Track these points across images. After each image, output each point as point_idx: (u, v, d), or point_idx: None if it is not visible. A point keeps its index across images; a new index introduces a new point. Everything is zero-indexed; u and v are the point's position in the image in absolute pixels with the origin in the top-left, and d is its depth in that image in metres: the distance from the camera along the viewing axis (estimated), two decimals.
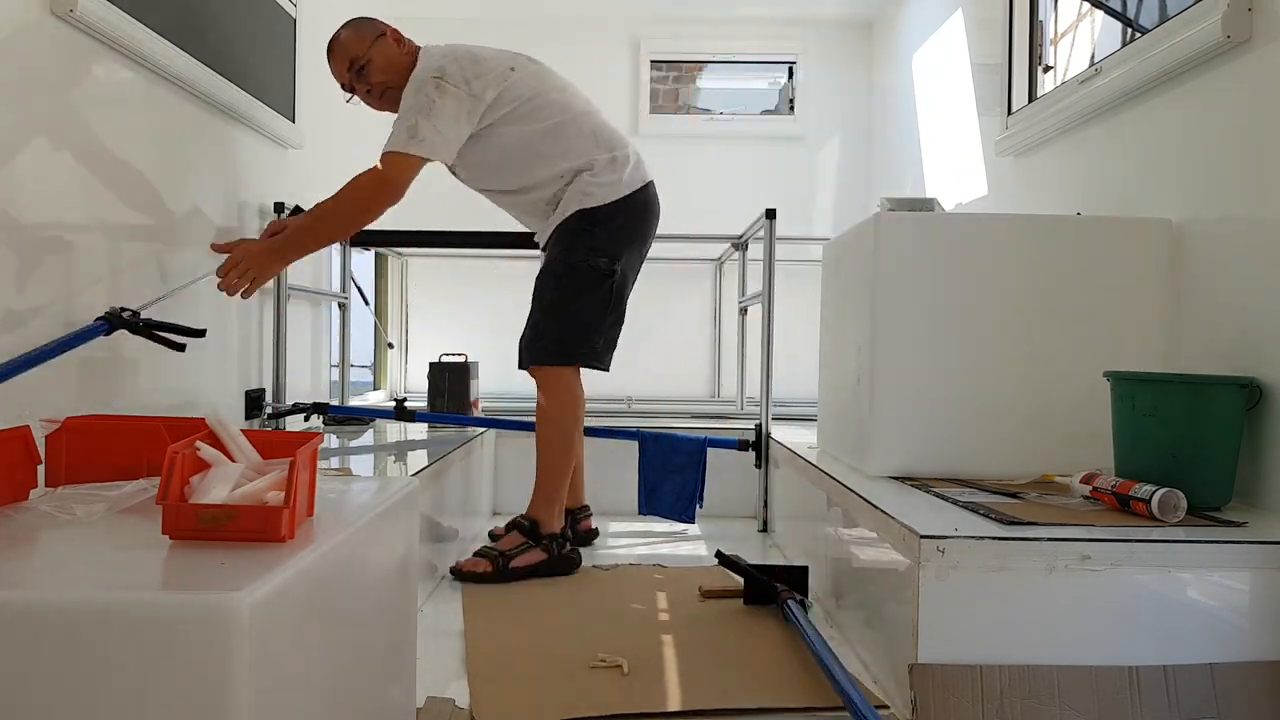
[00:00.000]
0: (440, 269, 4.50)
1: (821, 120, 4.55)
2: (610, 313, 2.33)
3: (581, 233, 2.29)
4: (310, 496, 1.04)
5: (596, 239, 2.28)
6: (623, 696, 1.52)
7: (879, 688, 1.59)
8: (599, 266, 2.28)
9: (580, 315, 2.29)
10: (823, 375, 2.49)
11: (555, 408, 2.30)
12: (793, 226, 3.98)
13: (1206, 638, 1.40)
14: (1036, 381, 2.01)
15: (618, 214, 2.30)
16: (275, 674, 0.80)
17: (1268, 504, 1.69)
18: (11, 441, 1.12)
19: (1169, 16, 2.08)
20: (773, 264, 2.93)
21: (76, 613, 0.75)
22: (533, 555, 2.27)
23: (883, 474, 2.00)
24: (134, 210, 2.11)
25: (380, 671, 1.18)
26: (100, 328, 1.79)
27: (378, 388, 4.37)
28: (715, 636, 1.84)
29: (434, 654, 1.71)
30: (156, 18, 2.09)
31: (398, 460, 2.52)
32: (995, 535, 1.42)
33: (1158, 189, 2.08)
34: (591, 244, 2.28)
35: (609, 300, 2.31)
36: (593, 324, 2.30)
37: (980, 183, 3.13)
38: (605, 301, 2.30)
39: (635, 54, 4.52)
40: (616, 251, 2.30)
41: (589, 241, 2.28)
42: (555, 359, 2.30)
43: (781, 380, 3.09)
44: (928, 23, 3.73)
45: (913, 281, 2.01)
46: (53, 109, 1.81)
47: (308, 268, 3.24)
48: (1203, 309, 1.92)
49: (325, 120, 3.35)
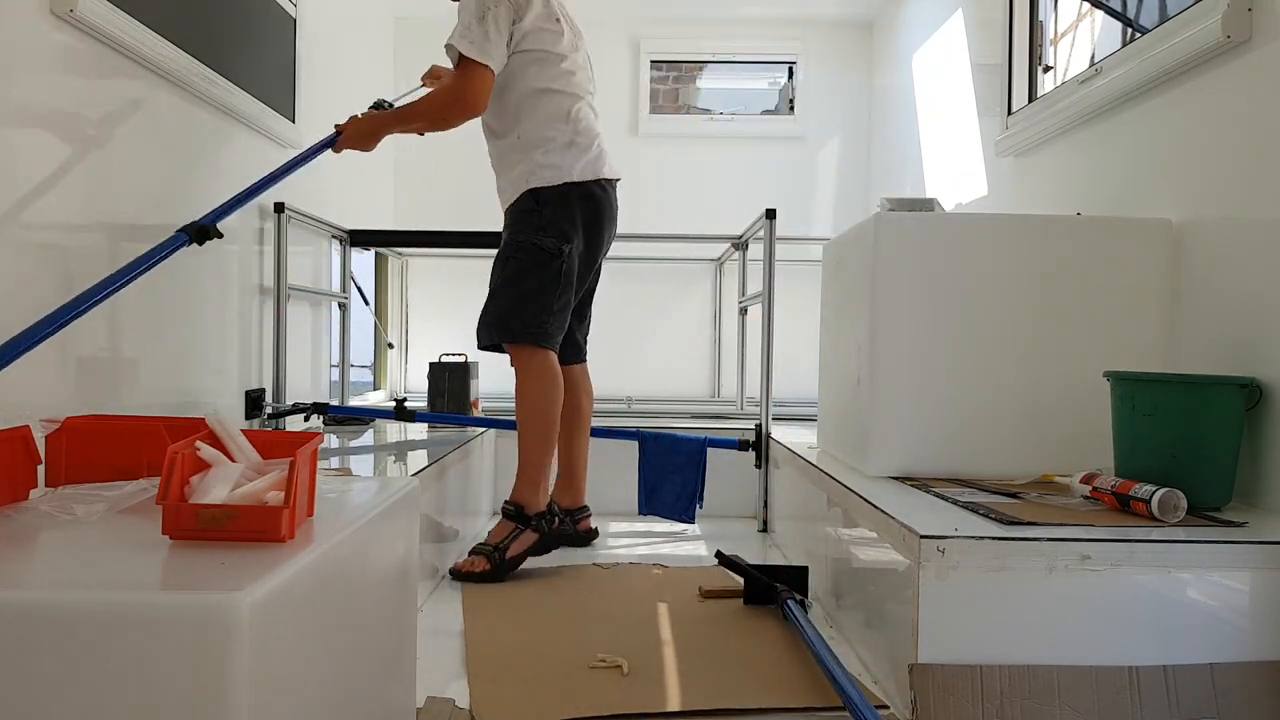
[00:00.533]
0: (440, 269, 4.50)
1: (821, 120, 4.56)
2: (559, 293, 2.31)
3: (529, 213, 2.31)
4: (310, 496, 1.04)
5: (544, 218, 2.29)
6: (623, 696, 1.52)
7: (879, 688, 1.59)
8: (545, 246, 2.29)
9: (527, 293, 2.29)
10: (823, 375, 2.49)
11: (529, 387, 2.30)
12: (793, 226, 3.98)
13: (1206, 638, 1.40)
14: (1036, 381, 2.01)
15: (568, 198, 2.30)
16: (275, 674, 0.80)
17: (1268, 504, 1.69)
18: (11, 441, 1.12)
19: (1169, 16, 2.08)
20: (773, 264, 2.93)
21: (76, 613, 0.75)
22: (525, 539, 2.29)
23: (883, 474, 2.00)
24: (134, 210, 2.11)
25: (380, 671, 1.18)
26: (182, 239, 1.83)
27: (378, 388, 4.37)
28: (715, 636, 1.84)
29: (434, 654, 1.71)
30: (156, 17, 2.09)
31: (398, 460, 2.52)
32: (995, 535, 1.42)
33: (1158, 189, 2.08)
34: (539, 223, 2.30)
35: (557, 279, 2.30)
36: (540, 302, 2.29)
37: (980, 183, 3.13)
38: (554, 280, 2.29)
39: (635, 54, 4.52)
40: (565, 232, 2.30)
41: (536, 221, 2.30)
42: (503, 336, 2.31)
43: (781, 380, 3.09)
44: (928, 23, 3.73)
45: (913, 281, 2.01)
46: (53, 109, 1.81)
47: (308, 268, 3.24)
48: (1203, 309, 1.92)
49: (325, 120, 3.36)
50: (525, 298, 2.29)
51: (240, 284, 2.71)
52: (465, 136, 4.54)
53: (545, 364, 2.31)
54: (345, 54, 3.74)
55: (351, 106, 2.52)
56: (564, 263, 2.30)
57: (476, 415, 3.25)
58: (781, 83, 4.69)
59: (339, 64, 3.61)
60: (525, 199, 2.31)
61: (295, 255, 3.02)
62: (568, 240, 2.30)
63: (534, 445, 2.31)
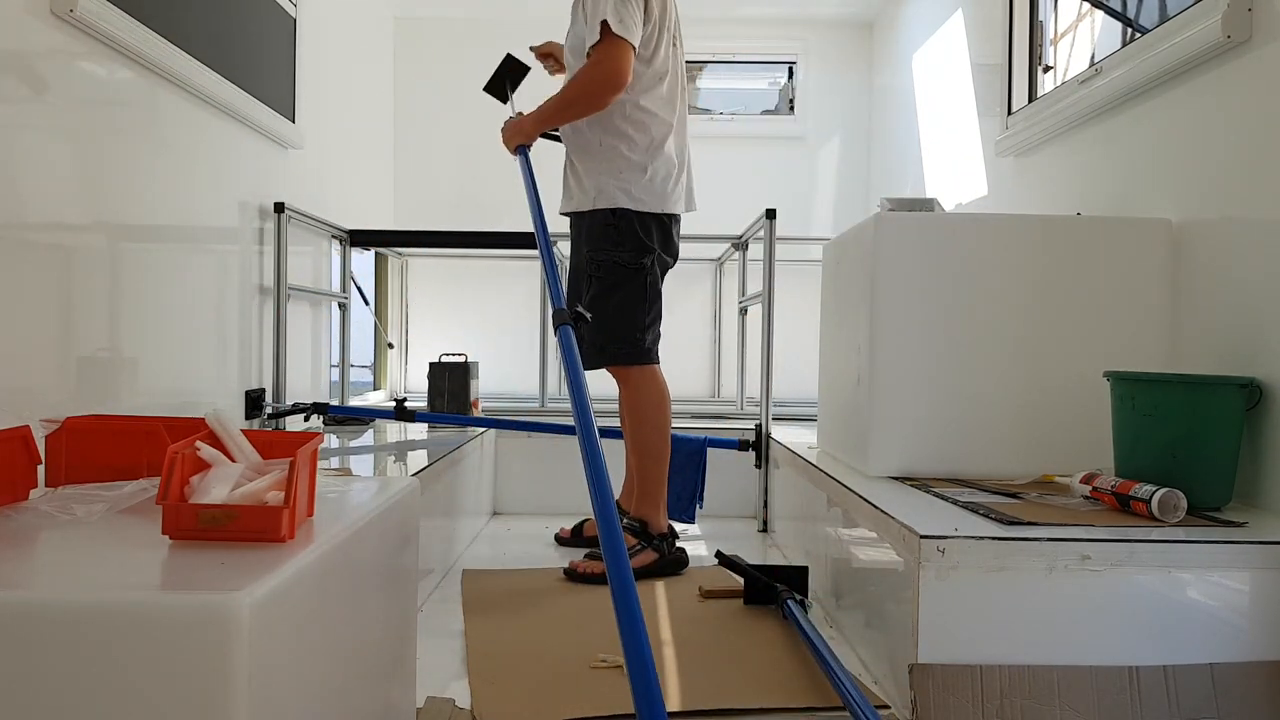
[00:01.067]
0: (440, 269, 4.50)
1: (821, 120, 4.56)
2: (648, 307, 2.29)
3: (608, 228, 2.27)
4: (310, 496, 1.04)
5: (621, 233, 2.26)
6: (623, 696, 1.51)
7: (879, 688, 1.59)
8: (626, 262, 2.26)
9: (616, 312, 2.26)
10: (823, 375, 2.49)
11: (638, 404, 2.30)
12: (793, 226, 3.98)
13: (1206, 638, 1.40)
14: (1036, 381, 2.01)
15: (651, 223, 2.28)
16: (275, 674, 0.80)
17: (1268, 504, 1.69)
18: (11, 441, 1.12)
19: (1169, 16, 2.08)
20: (773, 264, 2.93)
21: (76, 613, 0.75)
22: (645, 556, 2.28)
23: (883, 474, 2.00)
24: (134, 210, 2.11)
25: (380, 671, 1.18)
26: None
27: (378, 388, 4.37)
28: (715, 636, 1.84)
29: (434, 654, 1.71)
30: (156, 17, 2.09)
31: (398, 460, 2.52)
32: (995, 535, 1.42)
33: (1158, 189, 2.08)
34: (616, 239, 2.26)
35: (643, 293, 2.28)
36: (631, 319, 2.27)
37: (980, 183, 3.13)
38: (640, 295, 2.27)
39: None
40: (644, 244, 2.27)
41: (614, 237, 2.26)
42: (601, 360, 2.29)
43: (781, 380, 3.09)
44: (928, 23, 3.73)
45: (912, 281, 2.01)
46: (53, 109, 1.81)
47: (308, 268, 3.24)
48: (1203, 309, 1.92)
49: (325, 120, 3.36)
50: (619, 317, 2.27)
51: (240, 284, 2.71)
52: (465, 136, 4.53)
53: (646, 379, 2.30)
54: (345, 54, 3.74)
55: (351, 106, 2.52)
56: (647, 274, 2.28)
57: (476, 415, 3.25)
58: (781, 83, 4.69)
59: (339, 64, 3.61)
60: (603, 214, 2.28)
61: (295, 255, 3.02)
62: (648, 251, 2.28)
63: (652, 463, 2.31)
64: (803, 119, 4.55)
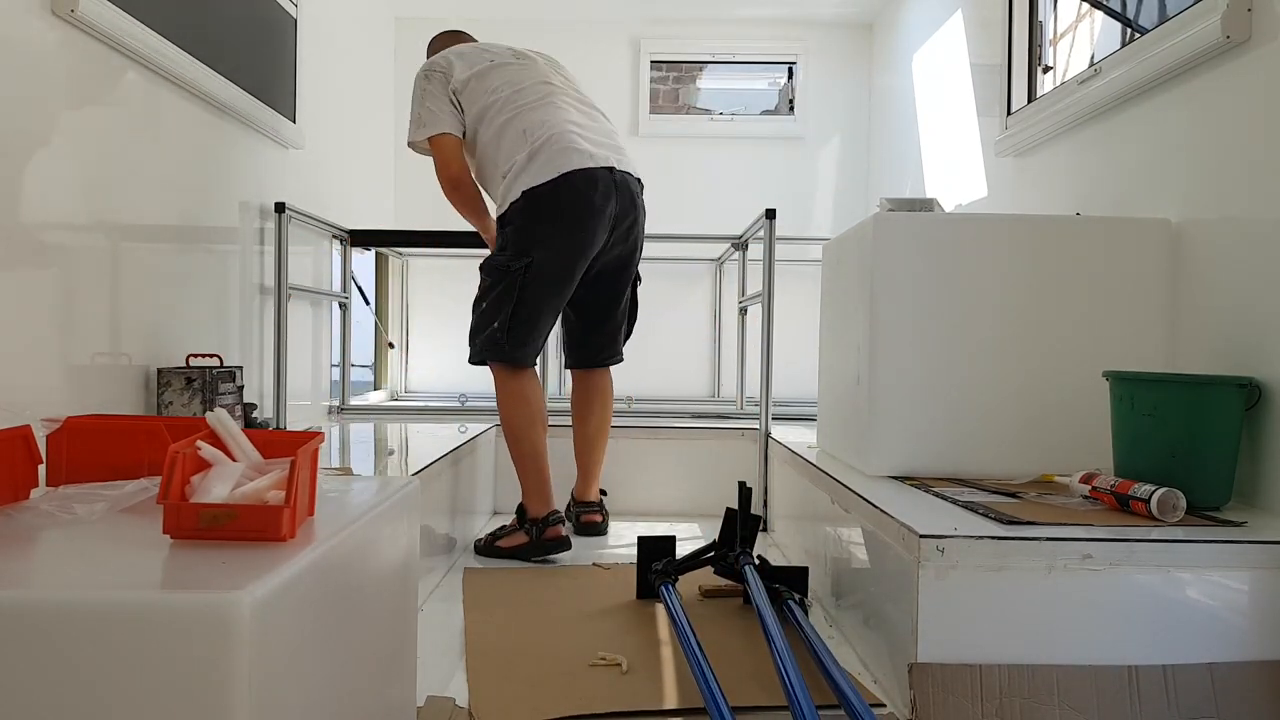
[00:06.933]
0: (440, 269, 4.50)
1: (821, 120, 4.56)
2: (514, 309, 2.32)
3: (500, 236, 2.40)
4: (311, 496, 1.04)
5: (506, 237, 2.36)
6: (622, 695, 1.52)
7: (879, 687, 1.59)
8: (498, 263, 2.36)
9: (485, 312, 2.38)
10: (823, 375, 2.50)
11: (499, 402, 2.43)
12: (792, 226, 3.99)
13: (1206, 638, 1.40)
14: (1036, 381, 2.01)
15: (533, 206, 2.32)
16: (275, 673, 0.81)
17: (1267, 504, 1.69)
18: (12, 441, 1.12)
19: (1169, 16, 2.08)
20: (772, 264, 2.94)
21: (77, 612, 0.75)
22: (514, 538, 2.45)
23: (882, 474, 2.01)
24: (134, 210, 2.12)
25: (380, 671, 1.18)
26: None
27: (378, 387, 4.37)
28: (715, 636, 1.84)
29: (434, 653, 1.71)
30: (157, 18, 2.09)
31: (398, 460, 2.52)
32: (995, 535, 1.42)
33: (1157, 189, 2.08)
34: (502, 243, 2.38)
35: (511, 295, 2.33)
36: (496, 320, 2.35)
37: (980, 183, 3.13)
38: (508, 296, 2.33)
39: (635, 54, 4.52)
40: (524, 247, 2.31)
41: (500, 242, 2.38)
42: (470, 357, 2.43)
43: (781, 380, 3.10)
44: (928, 23, 3.73)
45: (912, 281, 2.02)
46: (53, 109, 1.81)
47: (308, 268, 3.24)
48: (1202, 309, 1.92)
49: (325, 120, 3.36)
50: (483, 317, 2.38)
51: (241, 284, 2.71)
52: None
53: (508, 380, 2.40)
54: (345, 54, 3.74)
55: (352, 106, 2.52)
56: (518, 277, 2.31)
57: None
58: (781, 83, 4.69)
59: (339, 64, 3.61)
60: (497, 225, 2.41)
61: (296, 255, 3.02)
62: (525, 254, 2.31)
63: (512, 456, 2.45)
64: (802, 119, 4.56)
